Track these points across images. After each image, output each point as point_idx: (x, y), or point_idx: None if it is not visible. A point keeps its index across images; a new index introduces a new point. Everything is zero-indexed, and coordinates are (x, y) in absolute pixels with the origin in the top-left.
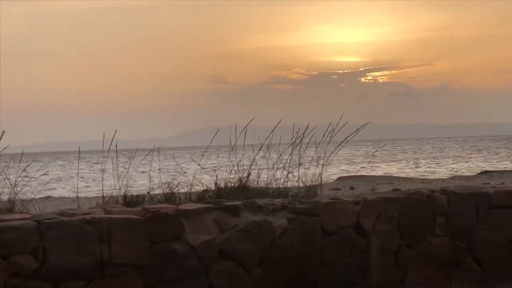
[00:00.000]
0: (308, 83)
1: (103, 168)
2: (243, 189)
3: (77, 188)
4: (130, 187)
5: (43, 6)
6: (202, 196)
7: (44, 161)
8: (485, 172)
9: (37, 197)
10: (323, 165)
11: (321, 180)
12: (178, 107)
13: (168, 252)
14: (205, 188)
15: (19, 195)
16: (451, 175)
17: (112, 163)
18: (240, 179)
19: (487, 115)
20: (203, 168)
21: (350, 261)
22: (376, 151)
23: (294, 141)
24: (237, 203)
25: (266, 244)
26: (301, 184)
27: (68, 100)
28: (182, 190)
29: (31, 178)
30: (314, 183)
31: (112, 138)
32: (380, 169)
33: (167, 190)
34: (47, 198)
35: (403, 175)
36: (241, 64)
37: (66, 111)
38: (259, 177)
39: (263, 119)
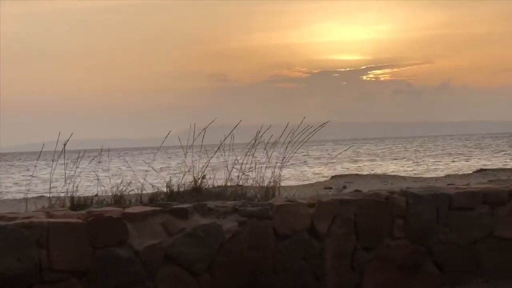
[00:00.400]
0: (309, 81)
1: (52, 169)
2: (196, 191)
3: (28, 190)
4: (80, 190)
5: (43, 6)
6: (153, 199)
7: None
8: (481, 170)
9: None
10: (281, 166)
11: (279, 181)
12: (179, 106)
13: (111, 258)
14: (157, 190)
15: None
16: (446, 174)
17: (64, 164)
18: (194, 181)
19: (489, 113)
20: (154, 170)
21: (304, 265)
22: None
23: (254, 142)
24: (185, 206)
25: (215, 248)
26: (257, 185)
27: (69, 99)
28: (133, 192)
29: None
30: (272, 185)
31: (67, 140)
32: (381, 168)
33: (117, 192)
34: (4, 201)
35: (404, 173)
36: (242, 62)
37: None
38: (214, 178)
39: (265, 117)
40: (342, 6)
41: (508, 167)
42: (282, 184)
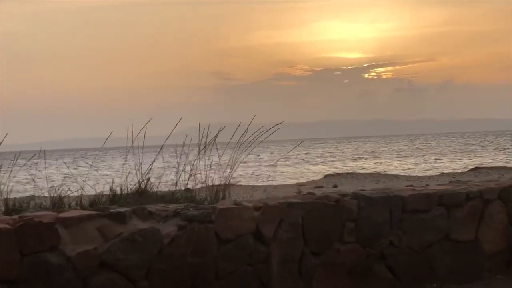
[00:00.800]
0: (311, 79)
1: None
2: (140, 194)
3: None
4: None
5: (43, 5)
6: (94, 202)
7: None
8: (475, 168)
9: None
10: (232, 167)
11: (229, 182)
12: (182, 104)
13: (40, 265)
14: (100, 193)
15: None
16: (440, 173)
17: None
18: (139, 183)
19: (492, 110)
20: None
21: (248, 270)
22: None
23: (205, 142)
24: (122, 209)
25: (153, 254)
26: (202, 187)
27: (70, 99)
28: (75, 195)
29: None
30: (222, 186)
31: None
32: (381, 166)
33: (55, 196)
34: None
35: (402, 172)
36: (244, 61)
37: (68, 109)
38: (163, 181)
39: (266, 116)
40: (344, 4)
41: (509, 165)
42: (264, 183)
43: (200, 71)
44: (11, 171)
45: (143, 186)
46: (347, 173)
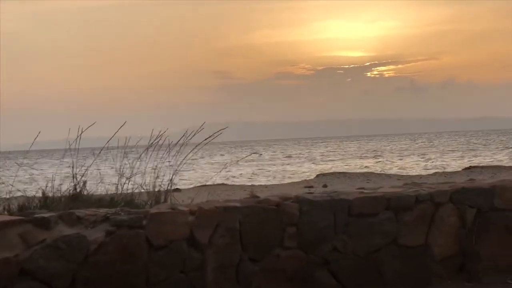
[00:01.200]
0: (313, 78)
1: None
2: (73, 198)
3: None
4: None
5: (43, 5)
6: (25, 206)
7: None
8: (469, 167)
9: None
10: (174, 170)
11: (171, 186)
12: (183, 103)
13: None
14: (31, 197)
15: None
16: (433, 172)
17: None
18: (74, 187)
19: (494, 109)
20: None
21: (181, 278)
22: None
23: (149, 144)
24: (47, 215)
25: (78, 262)
26: (150, 191)
27: (70, 98)
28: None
29: None
30: (163, 190)
31: None
32: (380, 165)
33: None
34: None
35: (401, 171)
36: (246, 60)
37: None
38: (101, 184)
39: (268, 115)
40: (346, 2)
41: (508, 164)
42: (257, 183)
43: (201, 71)
44: None
45: (78, 190)
46: (340, 172)
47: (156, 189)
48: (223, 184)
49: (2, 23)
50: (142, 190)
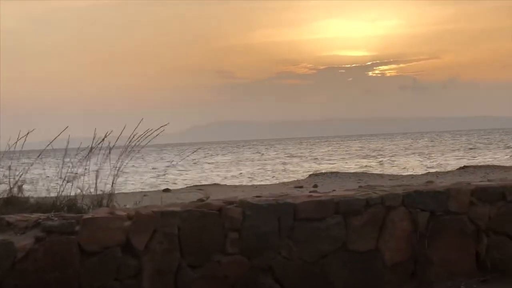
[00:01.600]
0: (315, 77)
1: None
2: (6, 203)
3: None
4: None
5: (45, 5)
6: None
7: None
8: (463, 167)
9: None
10: (116, 174)
11: (114, 190)
12: (186, 102)
13: None
14: None
15: None
16: (426, 172)
17: None
18: (10, 190)
19: (497, 108)
20: None
21: (116, 286)
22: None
23: (91, 148)
24: None
25: (4, 269)
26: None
27: (71, 98)
28: None
29: None
30: (106, 193)
31: None
32: (380, 164)
33: None
34: None
35: (403, 172)
36: (248, 59)
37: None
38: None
39: (269, 114)
40: (348, 2)
41: (508, 164)
42: (250, 183)
43: (203, 70)
44: None
45: (13, 193)
46: (332, 172)
47: (99, 192)
48: (215, 184)
49: (2, 23)
50: (85, 193)
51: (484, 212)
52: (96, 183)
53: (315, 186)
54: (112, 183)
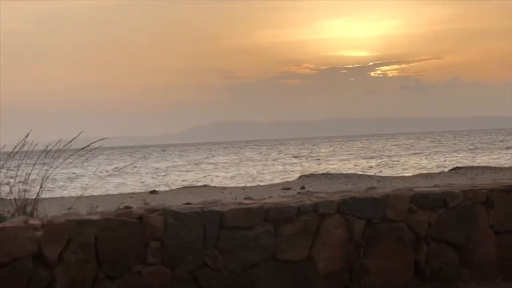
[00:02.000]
0: (317, 78)
1: None
2: None
3: None
4: None
5: (45, 5)
6: None
7: None
8: (456, 168)
9: None
10: (42, 180)
11: (39, 196)
12: (188, 102)
13: None
14: None
15: None
16: (418, 173)
17: None
18: None
19: (499, 108)
20: None
21: None
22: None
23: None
24: None
25: None
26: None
27: (73, 97)
28: None
29: None
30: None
31: None
32: (380, 165)
33: None
34: None
35: (402, 172)
36: (250, 59)
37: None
38: None
39: (271, 114)
40: (350, 2)
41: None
42: (243, 184)
43: (206, 70)
44: None
45: None
46: (322, 174)
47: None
48: (205, 185)
49: (2, 23)
50: (7, 198)
51: (424, 219)
52: (18, 189)
53: (303, 188)
54: (40, 188)
